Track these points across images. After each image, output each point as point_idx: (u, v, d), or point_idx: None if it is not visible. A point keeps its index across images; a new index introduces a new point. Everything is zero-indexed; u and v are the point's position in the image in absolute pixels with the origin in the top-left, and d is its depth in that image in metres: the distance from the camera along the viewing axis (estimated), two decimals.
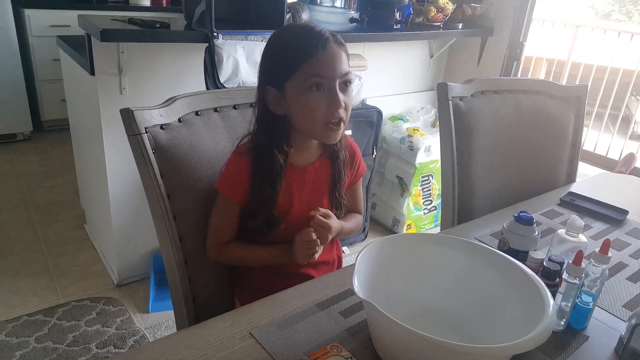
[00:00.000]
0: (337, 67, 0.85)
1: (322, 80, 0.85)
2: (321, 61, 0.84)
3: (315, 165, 0.96)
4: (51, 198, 2.64)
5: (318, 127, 0.87)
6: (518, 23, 2.43)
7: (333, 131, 0.88)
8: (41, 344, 1.63)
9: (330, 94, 0.85)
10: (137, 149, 0.88)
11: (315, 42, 0.85)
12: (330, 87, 0.85)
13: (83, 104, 1.97)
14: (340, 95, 0.85)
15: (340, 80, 0.86)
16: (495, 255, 0.76)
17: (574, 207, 1.26)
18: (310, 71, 0.84)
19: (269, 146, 0.90)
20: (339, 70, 0.85)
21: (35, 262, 2.09)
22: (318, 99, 0.85)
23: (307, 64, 0.84)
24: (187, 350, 0.69)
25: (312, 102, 0.85)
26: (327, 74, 0.85)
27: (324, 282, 0.89)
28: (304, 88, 0.85)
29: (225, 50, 1.64)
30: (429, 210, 2.61)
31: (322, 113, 0.86)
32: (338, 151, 0.96)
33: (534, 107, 1.42)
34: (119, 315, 1.81)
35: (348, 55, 0.89)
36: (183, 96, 0.97)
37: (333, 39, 0.86)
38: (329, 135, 0.89)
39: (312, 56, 0.84)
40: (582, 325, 0.79)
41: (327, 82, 0.85)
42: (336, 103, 0.85)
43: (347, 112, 0.88)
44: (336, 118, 0.86)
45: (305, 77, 0.85)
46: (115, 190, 1.84)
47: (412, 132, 2.41)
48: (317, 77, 0.84)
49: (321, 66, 0.84)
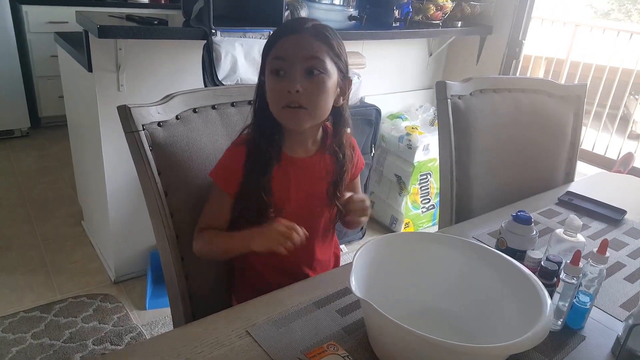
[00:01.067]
0: (299, 50, 0.84)
1: (281, 62, 0.84)
2: (284, 44, 0.85)
3: (313, 158, 0.95)
4: (49, 195, 2.64)
5: (278, 111, 0.87)
6: (517, 21, 2.43)
7: (289, 113, 0.86)
8: (38, 340, 1.63)
9: (289, 77, 0.84)
10: (134, 146, 0.87)
11: (287, 27, 0.87)
12: (289, 71, 0.84)
13: (81, 100, 1.96)
14: (296, 80, 0.83)
15: (304, 65, 0.84)
16: (493, 254, 0.76)
17: (572, 207, 1.26)
18: (273, 54, 0.86)
19: (261, 135, 0.91)
20: (301, 54, 0.84)
21: (32, 259, 2.08)
22: (278, 82, 0.85)
23: (274, 47, 0.86)
24: (183, 348, 0.68)
25: (272, 85, 0.86)
26: (286, 57, 0.84)
27: (321, 281, 0.88)
28: (269, 72, 0.87)
29: (223, 48, 1.63)
30: (427, 208, 2.61)
31: (280, 97, 0.85)
32: (339, 151, 0.95)
33: (532, 106, 1.42)
34: (116, 312, 1.80)
35: (332, 47, 0.87)
36: (180, 93, 0.96)
37: (311, 27, 0.86)
38: (287, 118, 0.87)
39: (278, 40, 0.86)
40: (580, 325, 0.79)
41: (287, 66, 0.84)
42: (290, 86, 0.83)
43: (312, 100, 0.85)
44: (293, 103, 0.84)
45: (269, 60, 0.86)
46: (112, 187, 1.84)
47: (411, 131, 2.41)
48: (277, 60, 0.85)
49: (282, 49, 0.85)
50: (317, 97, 0.86)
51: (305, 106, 0.85)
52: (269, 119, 0.90)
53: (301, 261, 0.99)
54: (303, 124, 0.88)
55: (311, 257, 1.00)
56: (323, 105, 0.87)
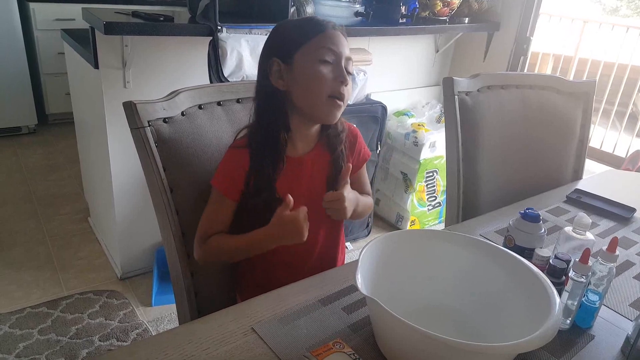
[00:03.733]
0: (344, 47, 0.90)
1: (332, 53, 0.88)
2: (332, 37, 0.89)
3: (311, 155, 0.95)
4: (55, 191, 2.65)
5: (322, 100, 0.89)
6: (525, 18, 2.40)
7: (335, 107, 0.89)
8: (44, 336, 1.64)
9: (338, 68, 0.88)
10: (140, 142, 0.87)
11: (324, 23, 0.91)
12: (338, 62, 0.89)
13: (87, 97, 1.97)
14: (345, 72, 0.89)
15: (345, 63, 0.90)
16: (500, 252, 0.75)
17: (581, 205, 1.24)
18: (322, 42, 0.88)
19: (268, 135, 0.89)
20: (346, 51, 0.90)
21: (38, 255, 2.09)
22: (327, 71, 0.88)
23: (320, 35, 0.88)
24: (189, 345, 0.68)
25: (321, 71, 0.88)
26: (337, 49, 0.89)
27: (326, 278, 0.88)
28: (315, 58, 0.88)
29: (229, 44, 1.63)
30: (433, 206, 2.59)
31: (328, 85, 0.88)
32: (334, 137, 0.95)
33: (540, 103, 1.40)
34: (122, 309, 1.81)
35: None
36: (186, 89, 0.96)
37: (339, 28, 0.91)
38: (331, 110, 0.90)
39: (324, 30, 0.89)
40: (588, 324, 0.78)
41: (336, 57, 0.88)
42: (342, 77, 0.88)
43: (348, 95, 0.91)
44: (341, 93, 0.89)
45: (317, 47, 0.88)
46: (119, 183, 1.84)
47: (417, 128, 2.39)
48: (328, 50, 0.88)
49: (332, 40, 0.89)
50: (350, 92, 0.92)
51: (345, 98, 0.90)
52: (277, 106, 0.90)
53: (306, 258, 0.99)
54: (338, 116, 0.92)
55: (316, 254, 0.99)
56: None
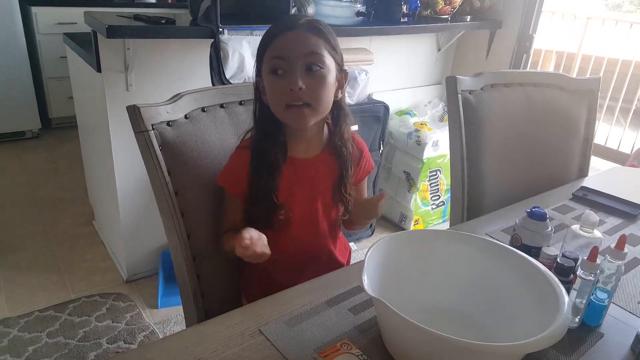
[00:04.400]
0: (297, 47, 0.83)
1: (280, 61, 0.83)
2: (281, 43, 0.84)
3: (315, 159, 0.94)
4: (60, 195, 2.66)
5: (281, 111, 0.86)
6: (527, 15, 2.39)
7: (293, 112, 0.85)
8: (53, 339, 1.65)
9: (289, 74, 0.83)
10: (144, 145, 0.87)
11: (281, 25, 0.85)
12: (290, 68, 0.83)
13: (90, 101, 1.97)
14: (297, 77, 0.82)
15: (304, 62, 0.83)
16: (508, 251, 0.75)
17: (587, 202, 1.24)
18: (271, 53, 0.85)
19: (265, 137, 0.90)
20: (300, 51, 0.83)
21: (44, 258, 2.10)
22: (279, 82, 0.84)
23: (270, 46, 0.85)
24: (196, 347, 0.68)
25: (273, 85, 0.85)
26: (285, 54, 0.83)
27: (332, 279, 0.88)
28: (267, 72, 0.85)
29: (230, 46, 1.63)
30: (437, 205, 2.59)
31: (282, 96, 0.84)
32: (341, 146, 0.94)
33: (545, 101, 1.40)
34: (129, 311, 1.82)
35: (328, 41, 0.86)
36: (189, 92, 0.96)
37: (305, 22, 0.85)
38: (291, 117, 0.86)
39: (274, 39, 0.84)
40: (597, 322, 0.77)
41: (287, 64, 0.83)
42: (292, 84, 0.82)
43: (316, 96, 0.85)
44: (296, 101, 0.83)
45: (268, 59, 0.85)
46: (123, 186, 1.85)
47: (420, 127, 2.39)
48: (275, 59, 0.84)
49: (280, 47, 0.83)
50: (320, 92, 0.85)
51: (309, 102, 0.85)
52: (272, 120, 0.89)
53: (310, 260, 0.99)
54: (308, 121, 0.87)
55: (319, 254, 0.99)
56: (325, 99, 0.87)
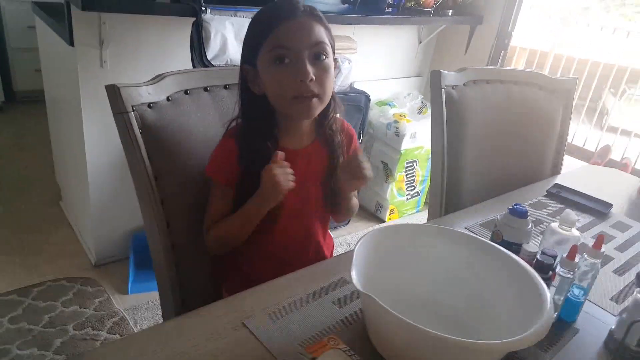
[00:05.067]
0: (304, 36, 0.80)
1: (286, 51, 0.79)
2: (286, 31, 0.79)
3: (307, 149, 0.92)
4: (24, 173, 2.54)
5: (287, 102, 0.83)
6: (507, 12, 2.42)
7: (303, 104, 0.82)
8: (15, 325, 1.58)
9: (297, 65, 0.79)
10: (124, 128, 0.83)
11: (282, 12, 0.81)
12: (297, 59, 0.79)
13: (60, 75, 1.88)
14: (309, 67, 0.79)
15: (311, 52, 0.80)
16: (493, 249, 0.76)
17: (560, 199, 1.27)
18: (273, 42, 0.80)
19: (254, 129, 0.87)
20: (307, 40, 0.80)
21: (7, 240, 2.01)
22: (285, 72, 0.80)
23: (271, 35, 0.80)
24: (177, 340, 0.66)
25: (278, 75, 0.81)
26: (292, 44, 0.79)
27: (316, 271, 0.87)
28: (269, 61, 0.81)
29: (213, 26, 1.58)
30: (412, 196, 2.62)
31: (290, 87, 0.81)
32: (332, 135, 0.92)
33: (524, 98, 1.42)
34: (97, 296, 1.76)
35: (327, 29, 0.84)
36: (172, 73, 0.92)
37: (305, 9, 0.82)
38: (300, 110, 0.83)
39: (276, 27, 0.80)
40: (573, 317, 0.80)
41: (294, 53, 0.79)
42: (302, 74, 0.79)
43: (323, 87, 0.82)
44: (307, 92, 0.80)
45: (269, 49, 0.81)
46: (94, 166, 1.78)
47: (399, 118, 2.40)
48: (280, 48, 0.80)
49: (285, 36, 0.79)
50: (327, 82, 0.83)
51: (318, 93, 0.82)
52: (263, 110, 0.87)
53: (300, 252, 0.97)
54: (315, 113, 0.85)
55: (306, 248, 0.98)
56: (330, 90, 0.85)
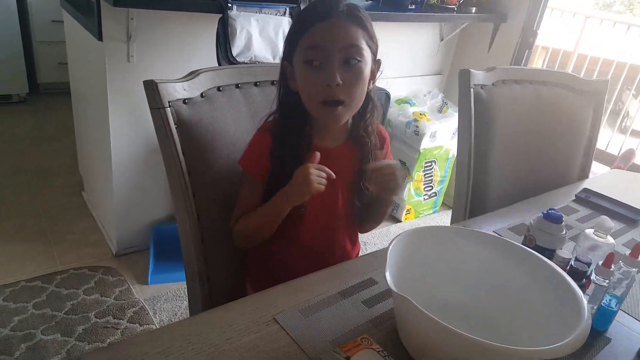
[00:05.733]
0: (336, 39, 0.77)
1: (316, 52, 0.78)
2: (318, 32, 0.78)
3: (339, 149, 0.92)
4: (48, 163, 2.59)
5: (315, 106, 0.82)
6: (533, 10, 2.38)
7: (328, 112, 0.81)
8: (39, 311, 1.62)
9: (326, 68, 0.78)
10: (160, 123, 0.84)
11: (318, 12, 0.79)
12: (326, 61, 0.78)
13: (87, 69, 1.90)
14: (336, 72, 0.77)
15: (342, 55, 0.78)
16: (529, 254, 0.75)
17: (589, 204, 1.25)
18: (306, 42, 0.79)
19: (289, 125, 0.87)
20: (339, 43, 0.77)
21: (31, 228, 2.05)
22: (315, 74, 0.79)
23: (305, 35, 0.79)
24: (211, 332, 0.67)
25: (307, 77, 0.80)
26: (323, 46, 0.77)
27: (343, 270, 0.87)
28: (301, 61, 0.81)
29: (239, 23, 1.58)
30: (429, 196, 2.61)
31: (317, 91, 0.79)
32: (365, 137, 0.92)
33: (553, 100, 1.40)
34: (118, 286, 1.79)
35: (367, 30, 0.81)
36: (206, 70, 0.93)
37: (344, 9, 0.79)
38: (325, 115, 0.82)
39: (311, 27, 0.79)
40: (605, 327, 0.79)
41: (323, 56, 0.78)
42: (329, 79, 0.77)
43: (351, 93, 0.80)
44: (331, 97, 0.79)
45: (302, 50, 0.80)
46: (118, 159, 1.80)
47: (419, 117, 2.38)
48: (311, 49, 0.79)
49: (317, 37, 0.78)
50: (356, 88, 0.81)
51: (343, 99, 0.80)
52: (298, 108, 0.86)
53: (322, 250, 0.98)
54: (341, 120, 0.84)
55: (333, 247, 0.98)
56: (360, 96, 0.84)
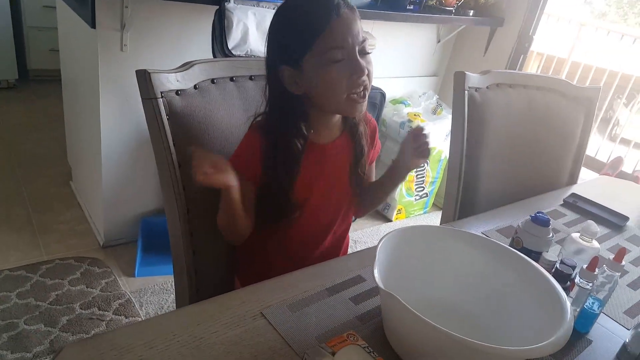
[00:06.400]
0: (354, 33, 0.80)
1: (341, 51, 0.80)
2: (336, 30, 0.79)
3: (335, 143, 0.92)
4: (36, 152, 2.56)
5: (342, 100, 0.83)
6: (530, 16, 2.40)
7: (358, 103, 0.84)
8: (23, 300, 1.60)
9: (352, 62, 0.80)
10: (152, 113, 0.84)
11: (327, 10, 0.79)
12: (350, 56, 0.80)
13: (79, 57, 1.88)
14: (362, 62, 0.81)
15: (360, 47, 0.81)
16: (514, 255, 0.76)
17: (577, 209, 1.27)
18: (326, 44, 0.79)
19: (285, 129, 0.86)
20: (356, 37, 0.80)
21: (17, 217, 2.02)
22: (340, 71, 0.80)
23: (322, 36, 0.79)
24: (197, 327, 0.67)
25: (334, 75, 0.81)
26: (346, 44, 0.79)
27: (331, 267, 0.87)
28: (323, 63, 0.80)
29: (235, 15, 1.57)
30: (420, 196, 2.62)
31: (345, 85, 0.81)
32: (356, 125, 0.92)
33: (546, 105, 1.41)
34: (104, 277, 1.78)
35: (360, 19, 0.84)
36: (201, 62, 0.92)
37: (344, 3, 0.81)
38: (355, 107, 0.85)
39: (326, 26, 0.79)
40: (587, 329, 0.80)
41: (347, 52, 0.80)
42: (359, 71, 0.80)
43: (370, 81, 0.84)
44: (361, 87, 0.82)
45: (323, 51, 0.79)
46: (108, 149, 1.78)
47: (413, 118, 2.39)
48: (335, 50, 0.79)
49: (338, 36, 0.79)
50: (372, 75, 0.84)
51: (368, 87, 0.83)
52: (296, 109, 0.86)
53: (312, 247, 0.97)
54: (363, 109, 0.86)
55: (322, 244, 0.98)
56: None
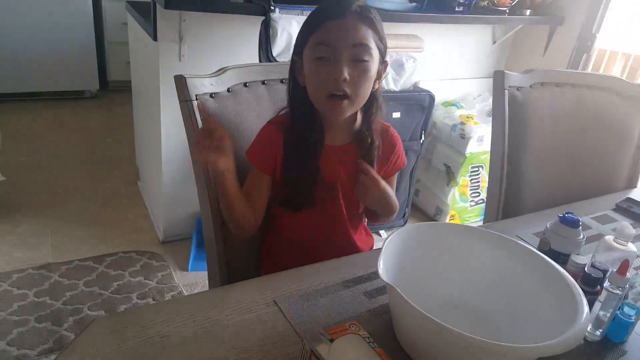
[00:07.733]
0: (346, 37, 0.81)
1: (326, 49, 0.81)
2: (329, 30, 0.82)
3: (343, 148, 0.93)
4: (110, 154, 2.80)
5: (321, 99, 0.85)
6: (592, 13, 2.25)
7: (334, 104, 0.84)
8: (89, 288, 1.76)
9: (334, 63, 0.81)
10: (187, 114, 0.91)
11: (330, 11, 0.83)
12: (335, 58, 0.81)
13: (145, 67, 2.05)
14: (344, 68, 0.81)
15: (350, 52, 0.81)
16: (531, 254, 0.73)
17: (630, 214, 1.18)
18: (316, 39, 0.83)
19: (298, 119, 0.90)
20: (348, 41, 0.81)
21: (90, 213, 2.23)
22: (321, 69, 0.82)
23: (316, 32, 0.83)
24: (213, 309, 0.72)
25: (316, 72, 0.84)
26: (333, 43, 0.81)
27: (350, 262, 0.89)
28: (311, 56, 0.84)
29: (280, 24, 1.64)
30: (476, 202, 2.53)
31: (325, 85, 0.83)
32: (367, 136, 0.92)
33: (597, 104, 1.33)
34: (161, 270, 1.91)
35: (377, 31, 0.84)
36: (233, 67, 0.99)
37: (356, 9, 0.82)
38: (331, 108, 0.85)
39: (322, 25, 0.82)
40: (621, 338, 0.75)
41: (332, 53, 0.81)
42: (336, 73, 0.81)
43: (356, 89, 0.83)
44: (337, 91, 0.82)
45: (314, 44, 0.83)
46: (168, 152, 1.92)
47: (466, 120, 2.33)
48: (321, 46, 0.82)
49: (328, 35, 0.81)
50: (361, 85, 0.84)
51: (349, 94, 0.83)
52: (306, 104, 0.89)
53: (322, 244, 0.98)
54: (345, 114, 0.86)
55: (333, 241, 0.99)
56: (364, 93, 0.86)
